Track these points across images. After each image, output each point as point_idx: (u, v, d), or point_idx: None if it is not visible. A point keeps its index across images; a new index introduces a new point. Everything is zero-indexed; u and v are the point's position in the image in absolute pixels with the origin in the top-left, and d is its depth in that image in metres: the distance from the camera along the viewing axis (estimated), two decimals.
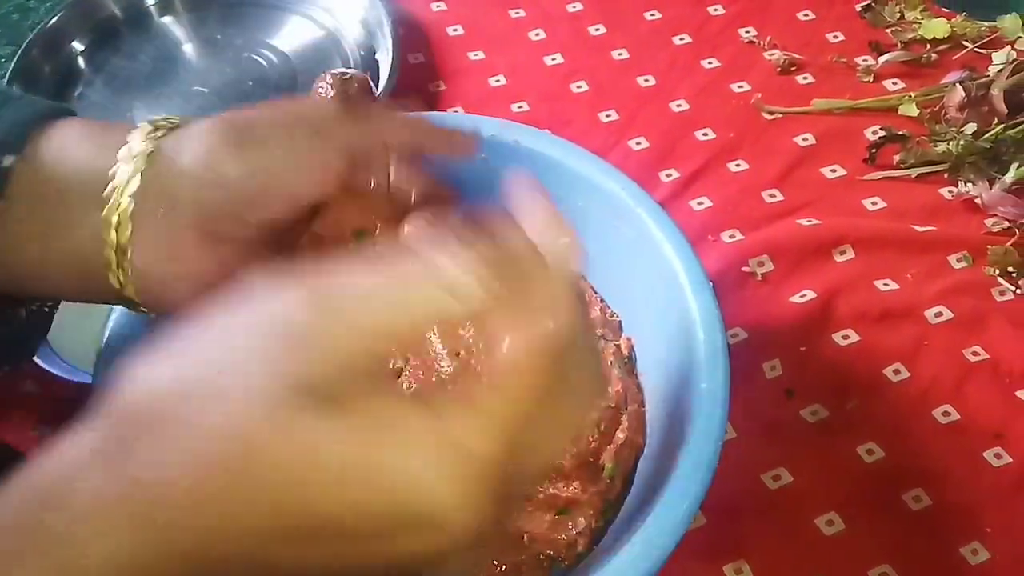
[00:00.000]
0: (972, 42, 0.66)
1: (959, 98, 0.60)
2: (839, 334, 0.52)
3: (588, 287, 0.46)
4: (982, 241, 0.56)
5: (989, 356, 0.51)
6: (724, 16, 0.70)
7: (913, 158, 0.60)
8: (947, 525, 0.45)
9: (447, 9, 0.72)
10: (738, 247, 0.56)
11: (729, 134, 0.63)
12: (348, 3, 0.70)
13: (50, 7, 0.73)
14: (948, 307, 0.53)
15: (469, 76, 0.67)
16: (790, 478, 0.47)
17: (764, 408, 0.50)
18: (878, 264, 0.55)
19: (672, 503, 0.32)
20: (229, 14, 0.72)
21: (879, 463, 0.48)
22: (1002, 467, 0.47)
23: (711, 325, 0.37)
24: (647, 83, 0.66)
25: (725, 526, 0.45)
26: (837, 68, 0.66)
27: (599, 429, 0.41)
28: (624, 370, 0.44)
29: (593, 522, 0.40)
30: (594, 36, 0.70)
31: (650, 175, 0.61)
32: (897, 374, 0.51)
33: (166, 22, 0.72)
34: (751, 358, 0.51)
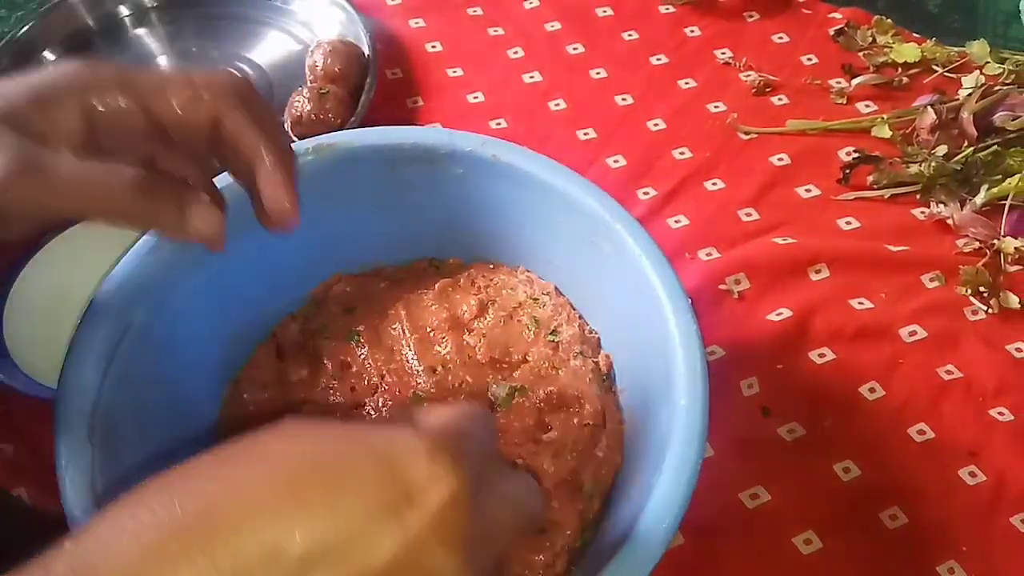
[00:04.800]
0: (942, 66, 0.67)
1: (930, 121, 0.62)
2: (815, 352, 0.53)
3: (567, 303, 0.46)
4: (954, 261, 0.56)
5: (963, 375, 0.52)
6: (700, 37, 0.71)
7: (886, 179, 0.61)
8: (923, 544, 0.45)
9: (426, 25, 0.72)
10: (715, 265, 0.56)
11: (705, 153, 0.63)
12: (326, 18, 0.70)
13: (21, 16, 0.72)
14: (922, 326, 0.54)
15: (447, 92, 0.67)
16: (767, 496, 0.47)
17: (741, 426, 0.50)
18: (853, 283, 0.56)
19: (651, 523, 0.32)
20: (205, 26, 0.71)
21: (855, 481, 0.48)
22: (976, 485, 0.47)
23: (690, 341, 0.36)
24: (624, 102, 0.67)
25: (703, 545, 0.45)
26: (811, 90, 0.67)
27: (578, 448, 0.41)
28: (603, 388, 0.43)
29: (571, 542, 0.39)
30: (572, 55, 0.70)
31: (627, 193, 0.61)
32: (872, 392, 0.51)
33: (140, 34, 0.72)
34: (728, 376, 0.51)
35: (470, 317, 0.44)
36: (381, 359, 0.43)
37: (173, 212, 0.30)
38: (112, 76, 0.30)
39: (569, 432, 0.41)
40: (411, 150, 0.43)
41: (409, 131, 0.44)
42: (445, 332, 0.44)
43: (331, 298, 0.47)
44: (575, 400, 0.42)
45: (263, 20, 0.71)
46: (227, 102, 0.31)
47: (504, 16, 0.73)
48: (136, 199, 0.29)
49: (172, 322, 0.40)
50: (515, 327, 0.44)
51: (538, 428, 0.41)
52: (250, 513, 0.21)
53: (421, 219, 0.46)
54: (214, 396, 0.44)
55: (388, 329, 0.44)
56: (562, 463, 0.40)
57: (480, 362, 0.43)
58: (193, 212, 0.31)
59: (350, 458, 0.22)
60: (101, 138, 0.30)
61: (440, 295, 0.45)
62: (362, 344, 0.44)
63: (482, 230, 0.46)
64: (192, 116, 0.30)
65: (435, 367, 0.43)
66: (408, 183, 0.44)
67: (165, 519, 0.21)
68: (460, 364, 0.43)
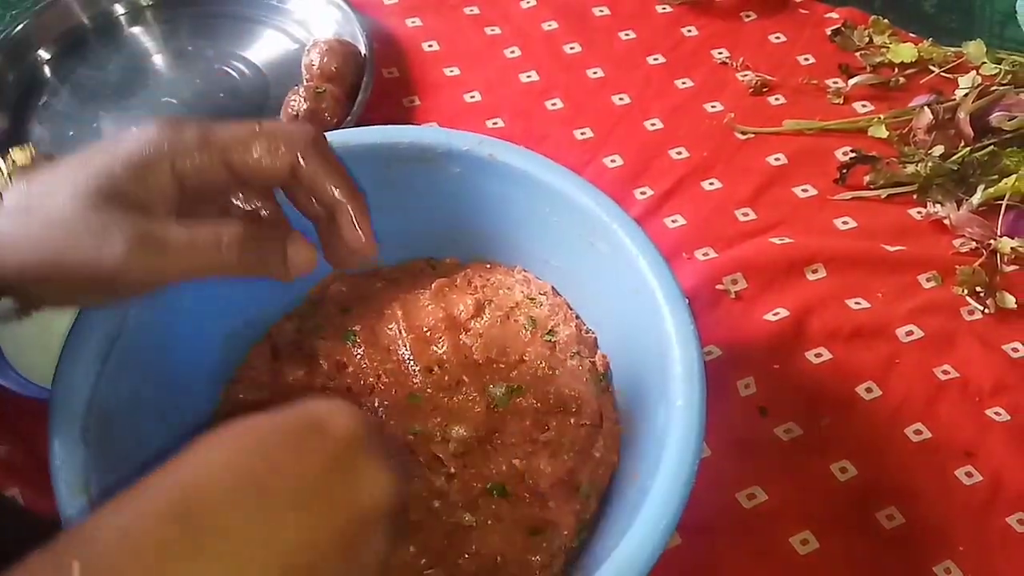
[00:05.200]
0: (939, 66, 0.67)
1: (927, 121, 0.62)
2: (812, 352, 0.53)
3: (564, 303, 0.46)
4: (951, 261, 0.56)
5: (959, 375, 0.52)
6: (697, 37, 0.71)
7: (883, 179, 0.61)
8: (920, 543, 0.45)
9: (422, 25, 0.72)
10: (712, 265, 0.56)
11: (703, 153, 0.63)
12: (322, 16, 0.70)
13: (15, 15, 0.72)
14: (918, 326, 0.54)
15: (444, 91, 0.67)
16: (764, 496, 0.47)
17: (738, 426, 0.50)
18: (849, 283, 0.56)
19: (649, 523, 0.32)
20: (200, 25, 0.71)
21: (852, 481, 0.47)
22: (973, 485, 0.47)
23: (687, 341, 0.36)
24: (622, 101, 0.66)
25: (700, 546, 0.45)
26: (808, 90, 0.67)
27: (575, 448, 0.40)
28: (600, 388, 0.43)
29: (568, 542, 0.39)
30: (569, 54, 0.70)
31: (624, 192, 0.61)
32: (869, 392, 0.51)
33: (135, 32, 0.71)
34: (725, 376, 0.51)
35: (467, 317, 0.44)
36: (377, 359, 0.43)
37: (278, 260, 0.33)
38: (194, 137, 0.32)
39: (566, 432, 0.41)
40: (407, 149, 0.43)
41: (405, 130, 0.44)
42: (442, 332, 0.43)
43: (327, 298, 0.47)
44: (572, 400, 0.42)
45: (259, 19, 0.71)
46: (304, 152, 0.32)
47: (501, 15, 0.73)
48: (244, 257, 0.31)
49: (167, 322, 0.40)
50: (512, 327, 0.44)
51: (535, 428, 0.41)
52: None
53: (418, 219, 0.46)
54: (210, 396, 0.44)
55: (384, 329, 0.44)
56: (559, 463, 0.40)
57: (477, 362, 0.43)
58: (292, 253, 0.33)
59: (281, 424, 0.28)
60: (190, 194, 0.32)
61: (437, 295, 0.45)
62: (358, 344, 0.44)
63: (479, 230, 0.46)
64: (271, 166, 0.32)
65: (431, 367, 0.43)
66: (404, 183, 0.44)
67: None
68: (456, 364, 0.43)
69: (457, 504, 0.39)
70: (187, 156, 0.31)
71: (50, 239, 0.30)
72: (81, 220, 0.30)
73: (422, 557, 0.38)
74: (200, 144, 0.31)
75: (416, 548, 0.38)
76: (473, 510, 0.39)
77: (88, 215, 0.30)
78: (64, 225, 0.30)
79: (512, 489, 0.40)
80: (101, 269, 0.30)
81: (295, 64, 0.66)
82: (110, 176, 0.30)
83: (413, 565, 0.38)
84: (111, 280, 0.30)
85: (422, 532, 0.39)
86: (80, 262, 0.30)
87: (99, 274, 0.30)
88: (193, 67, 0.68)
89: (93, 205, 0.30)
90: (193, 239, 0.31)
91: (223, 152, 0.32)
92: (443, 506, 0.39)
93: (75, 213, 0.30)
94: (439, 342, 0.43)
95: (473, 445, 0.40)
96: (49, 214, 0.30)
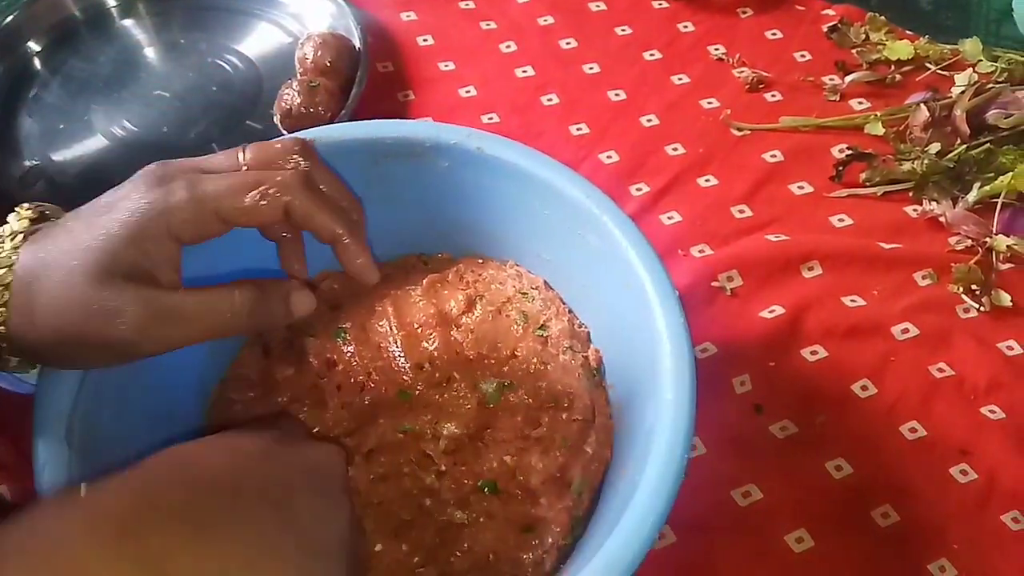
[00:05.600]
0: (935, 64, 0.67)
1: (923, 118, 0.61)
2: (807, 350, 0.52)
3: (556, 297, 0.46)
4: (946, 259, 0.56)
5: (955, 372, 0.51)
6: (694, 33, 0.71)
7: (879, 176, 0.60)
8: (915, 542, 0.45)
9: (417, 19, 0.71)
10: (707, 262, 0.56)
11: (699, 149, 0.63)
12: (316, 10, 0.69)
13: (6, 6, 0.71)
14: (914, 324, 0.53)
15: (439, 86, 0.67)
16: (760, 495, 0.47)
17: (733, 424, 0.49)
18: (845, 280, 0.55)
19: (636, 517, 0.31)
20: (193, 18, 0.70)
21: (848, 479, 0.47)
22: (968, 483, 0.47)
23: (677, 336, 0.36)
24: (617, 97, 0.66)
25: (695, 544, 0.45)
26: (804, 87, 0.67)
27: (567, 444, 0.40)
28: (592, 383, 0.43)
29: (560, 539, 0.38)
30: (565, 49, 0.69)
31: (620, 189, 0.60)
32: (865, 390, 0.51)
33: (127, 24, 0.71)
34: (721, 373, 0.51)
35: (458, 312, 0.44)
36: (368, 356, 0.43)
37: (282, 312, 0.35)
38: (185, 196, 0.32)
39: (558, 428, 0.40)
40: (396, 144, 0.43)
41: (393, 125, 0.44)
42: (433, 328, 0.43)
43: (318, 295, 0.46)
44: (564, 395, 0.41)
45: (252, 12, 0.71)
46: (294, 193, 0.33)
47: (497, 10, 0.72)
48: (251, 316, 0.33)
49: None
50: (504, 322, 0.44)
51: (527, 424, 0.41)
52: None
53: (408, 214, 0.45)
54: (200, 395, 0.44)
55: (375, 326, 0.44)
56: (551, 459, 0.40)
57: (468, 358, 0.42)
58: (294, 302, 0.35)
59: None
60: (187, 241, 0.33)
61: (428, 290, 0.45)
62: (349, 341, 0.43)
63: (470, 224, 0.46)
64: (263, 213, 0.33)
65: (422, 364, 0.42)
66: (393, 177, 0.44)
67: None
68: (448, 360, 0.42)
69: (448, 502, 0.39)
70: (180, 216, 0.32)
71: (65, 316, 0.31)
72: (93, 300, 0.31)
73: (414, 555, 0.38)
74: (191, 201, 0.32)
75: (407, 546, 0.38)
76: (464, 508, 0.39)
77: (98, 295, 0.31)
78: (75, 305, 0.31)
79: (504, 486, 0.39)
80: (116, 343, 0.31)
81: (288, 57, 0.65)
82: (112, 252, 0.31)
83: (405, 563, 0.38)
84: (125, 349, 0.32)
85: (413, 530, 0.38)
86: (97, 338, 0.31)
87: (115, 347, 0.32)
88: (185, 60, 0.68)
89: (101, 283, 0.31)
90: (205, 308, 0.32)
91: (215, 206, 0.32)
92: (434, 504, 0.39)
93: (85, 293, 0.31)
94: (430, 338, 0.43)
95: (464, 442, 0.40)
96: (62, 293, 0.31)
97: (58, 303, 0.31)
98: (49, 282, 0.31)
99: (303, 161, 0.35)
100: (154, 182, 0.32)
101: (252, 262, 0.39)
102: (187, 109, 0.64)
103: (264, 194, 0.33)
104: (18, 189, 0.60)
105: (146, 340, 0.32)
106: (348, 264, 0.36)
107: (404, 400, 0.41)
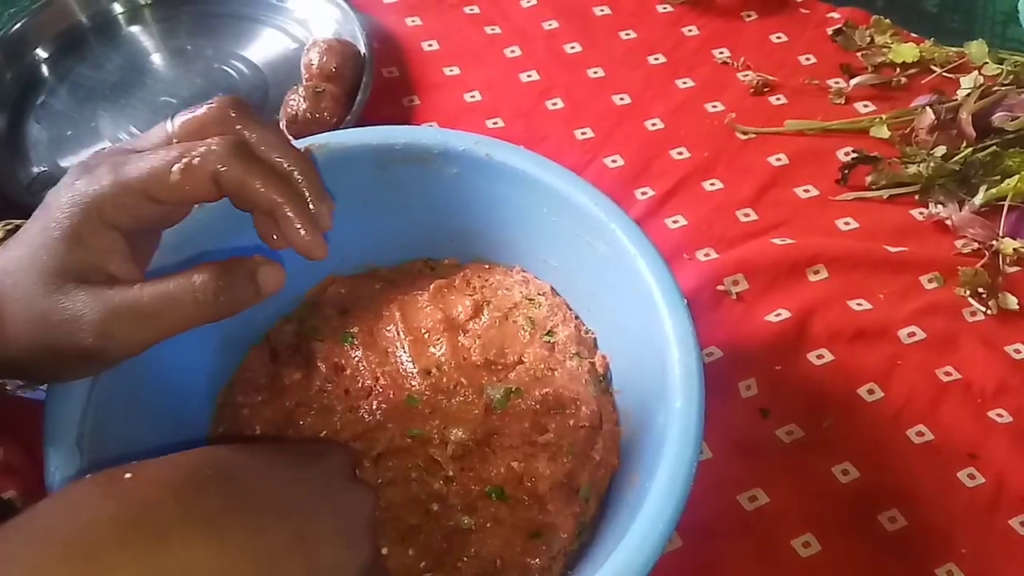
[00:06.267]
0: (940, 67, 0.67)
1: (929, 121, 0.61)
2: (813, 353, 0.52)
3: (563, 304, 0.46)
4: (953, 262, 0.56)
5: (962, 376, 0.51)
6: (698, 37, 0.71)
7: (884, 179, 0.60)
8: (922, 546, 0.45)
9: (422, 24, 0.72)
10: (713, 265, 0.56)
11: (704, 153, 0.63)
12: (322, 16, 0.69)
13: (14, 13, 0.71)
14: (921, 327, 0.53)
15: (444, 91, 0.67)
16: (766, 499, 0.47)
17: (740, 428, 0.49)
18: (851, 284, 0.55)
19: (647, 524, 0.31)
20: (199, 24, 0.71)
21: (854, 483, 0.47)
22: (976, 487, 0.47)
23: (686, 342, 0.36)
24: (622, 101, 0.66)
25: (701, 548, 0.45)
26: (809, 90, 0.67)
27: (574, 450, 0.40)
28: (599, 389, 0.43)
29: (567, 545, 0.38)
30: (569, 54, 0.69)
31: (625, 193, 0.60)
32: (871, 394, 0.51)
33: (134, 31, 0.71)
34: (726, 377, 0.51)
35: (465, 318, 0.44)
36: (375, 361, 0.43)
37: (251, 290, 0.31)
38: (109, 183, 0.30)
39: (565, 434, 0.40)
40: (403, 150, 0.43)
41: (401, 130, 0.44)
42: (440, 333, 0.43)
43: (325, 300, 0.47)
44: (571, 402, 0.41)
45: (258, 18, 0.71)
46: (222, 162, 0.30)
47: (501, 15, 0.72)
48: (218, 300, 0.30)
49: None
50: (511, 328, 0.44)
51: (534, 430, 0.41)
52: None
53: (415, 219, 0.46)
54: (207, 399, 0.44)
55: (383, 331, 0.44)
56: (558, 465, 0.40)
57: (475, 363, 0.43)
58: (261, 277, 0.32)
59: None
60: (133, 231, 0.31)
61: (435, 296, 0.45)
62: (356, 346, 0.43)
63: (477, 230, 0.46)
64: (192, 188, 0.30)
65: (430, 369, 0.42)
66: (401, 183, 0.44)
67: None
68: (455, 366, 0.42)
69: (456, 507, 0.39)
70: (109, 203, 0.30)
71: (34, 332, 0.30)
72: (51, 311, 0.30)
73: (421, 560, 0.38)
74: (115, 186, 0.30)
75: (415, 551, 0.38)
76: (472, 513, 0.39)
77: (55, 304, 0.30)
78: (38, 316, 0.30)
79: (511, 492, 0.39)
80: (85, 349, 0.30)
81: (294, 63, 0.66)
82: (53, 254, 0.30)
83: (412, 568, 0.38)
84: (99, 358, 0.30)
85: (421, 535, 0.38)
86: (68, 349, 0.30)
87: (88, 355, 0.30)
88: (192, 66, 0.68)
89: (53, 291, 0.30)
90: (164, 300, 0.30)
91: (140, 186, 0.30)
92: (442, 509, 0.39)
93: (42, 304, 0.30)
94: (437, 344, 0.43)
95: (471, 448, 0.40)
96: (24, 307, 0.30)
97: (25, 316, 0.30)
98: (11, 296, 0.30)
99: (236, 125, 0.32)
100: (81, 172, 0.31)
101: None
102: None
103: (188, 167, 0.30)
104: (26, 195, 0.60)
105: (113, 344, 0.30)
106: (290, 238, 0.32)
107: (412, 405, 0.41)
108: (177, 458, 0.28)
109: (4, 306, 0.31)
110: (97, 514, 0.25)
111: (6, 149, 0.63)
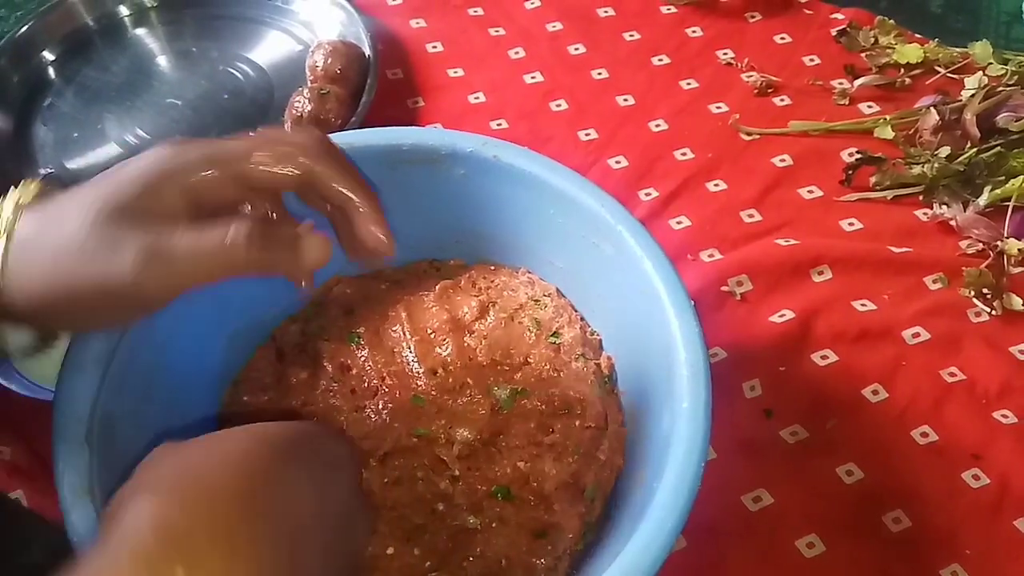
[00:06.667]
0: (945, 67, 0.67)
1: (933, 122, 0.61)
2: (817, 354, 0.52)
3: (568, 305, 0.46)
4: (957, 263, 0.56)
5: (966, 377, 0.51)
6: (702, 38, 0.71)
7: (888, 180, 0.60)
8: (927, 547, 0.45)
9: (426, 26, 0.72)
10: (717, 266, 0.56)
11: (707, 154, 0.63)
12: (326, 18, 0.70)
13: (21, 16, 0.72)
14: (925, 328, 0.53)
15: (448, 93, 0.67)
16: (770, 499, 0.47)
17: (744, 428, 0.49)
18: (855, 284, 0.55)
19: (654, 525, 0.32)
20: (205, 27, 0.71)
21: (859, 484, 0.47)
22: (980, 488, 0.47)
23: (692, 344, 0.36)
24: (626, 102, 0.66)
25: (705, 549, 0.45)
26: (813, 91, 0.67)
27: (580, 451, 0.40)
28: (604, 390, 0.43)
29: (573, 545, 0.39)
30: (573, 55, 0.70)
31: (629, 194, 0.61)
32: (875, 394, 0.51)
33: (140, 33, 0.71)
34: (730, 378, 0.51)
35: (471, 319, 0.44)
36: (382, 361, 0.43)
37: (289, 256, 0.32)
38: (200, 156, 0.32)
39: (571, 435, 0.41)
40: (411, 151, 0.43)
41: (409, 132, 0.44)
42: (446, 334, 0.43)
43: (331, 300, 0.47)
44: (577, 402, 0.41)
45: (263, 20, 0.71)
46: (315, 158, 0.33)
47: (505, 16, 0.72)
48: (252, 253, 0.31)
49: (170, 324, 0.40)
50: (516, 329, 0.44)
51: (540, 431, 0.41)
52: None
53: (422, 220, 0.46)
54: (214, 398, 0.44)
55: (389, 331, 0.44)
56: (564, 466, 0.40)
57: (481, 364, 0.43)
58: (305, 247, 0.32)
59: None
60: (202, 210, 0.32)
61: (441, 296, 0.45)
62: (362, 346, 0.44)
63: (483, 231, 0.46)
64: (283, 172, 0.33)
65: (436, 369, 0.43)
66: (408, 184, 0.44)
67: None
68: (461, 366, 0.42)
69: (461, 507, 0.39)
70: (193, 172, 0.32)
71: (61, 263, 0.30)
72: (90, 239, 0.30)
73: (426, 560, 0.38)
74: (207, 159, 0.32)
75: (420, 551, 0.38)
76: (478, 513, 0.39)
77: (97, 233, 0.30)
78: (73, 247, 0.30)
79: (517, 492, 0.39)
80: (112, 285, 0.30)
81: (299, 65, 0.66)
82: (118, 196, 0.31)
83: (417, 568, 0.38)
84: (124, 296, 0.30)
85: (426, 535, 0.39)
86: (92, 282, 0.30)
87: (111, 291, 0.30)
88: (197, 68, 0.68)
89: (103, 223, 0.30)
90: (200, 241, 0.30)
91: (232, 164, 0.32)
92: (447, 509, 0.39)
93: (84, 234, 0.30)
94: (443, 344, 0.43)
95: (477, 447, 0.40)
96: (58, 240, 0.31)
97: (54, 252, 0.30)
98: (49, 237, 0.31)
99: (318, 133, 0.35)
100: (172, 143, 0.32)
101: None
102: (199, 117, 0.65)
103: (283, 155, 0.32)
104: None
105: (142, 281, 0.30)
106: (363, 231, 0.34)
107: (418, 405, 0.42)
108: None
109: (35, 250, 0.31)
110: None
111: (13, 151, 0.64)
